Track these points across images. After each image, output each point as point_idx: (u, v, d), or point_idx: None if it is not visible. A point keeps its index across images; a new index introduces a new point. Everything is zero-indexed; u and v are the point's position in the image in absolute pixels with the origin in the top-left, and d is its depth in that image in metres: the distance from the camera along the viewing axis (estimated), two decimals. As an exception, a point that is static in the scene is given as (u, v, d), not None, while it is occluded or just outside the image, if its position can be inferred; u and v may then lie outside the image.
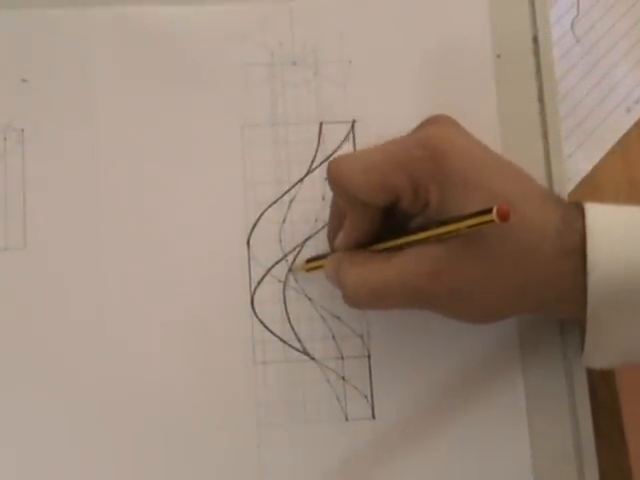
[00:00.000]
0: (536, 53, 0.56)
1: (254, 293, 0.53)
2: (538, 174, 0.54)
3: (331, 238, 0.52)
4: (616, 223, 0.45)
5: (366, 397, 0.52)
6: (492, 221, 0.41)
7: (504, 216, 0.41)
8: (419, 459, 0.52)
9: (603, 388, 0.53)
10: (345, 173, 0.47)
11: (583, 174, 0.57)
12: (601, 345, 0.47)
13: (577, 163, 0.57)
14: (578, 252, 0.44)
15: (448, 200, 0.45)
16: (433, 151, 0.46)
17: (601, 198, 0.56)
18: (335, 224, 0.51)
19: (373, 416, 0.52)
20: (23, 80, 0.54)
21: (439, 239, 0.45)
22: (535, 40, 0.56)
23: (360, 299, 0.48)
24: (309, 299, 0.53)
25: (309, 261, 0.52)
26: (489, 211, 0.41)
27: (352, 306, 0.48)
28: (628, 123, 0.58)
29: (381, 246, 0.48)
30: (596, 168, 0.57)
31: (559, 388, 0.53)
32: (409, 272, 0.46)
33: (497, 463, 0.52)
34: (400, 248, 0.46)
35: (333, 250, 0.51)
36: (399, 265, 0.46)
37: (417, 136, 0.47)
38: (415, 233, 0.46)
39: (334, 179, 0.48)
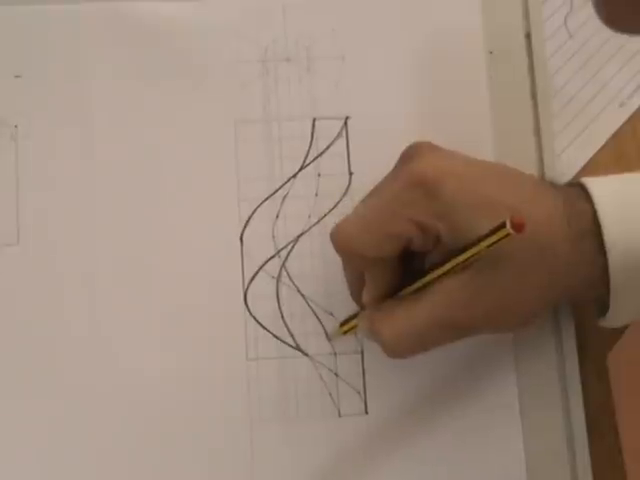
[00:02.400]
0: (529, 49, 0.56)
1: (247, 289, 0.53)
2: (531, 170, 0.54)
3: (356, 298, 0.51)
4: (620, 193, 0.46)
5: (359, 393, 0.52)
6: (509, 234, 0.40)
7: (519, 226, 0.40)
8: (411, 455, 0.52)
9: (596, 386, 0.53)
10: (348, 238, 0.47)
11: (576, 169, 0.56)
12: (622, 309, 0.47)
13: (570, 158, 0.57)
14: (591, 233, 0.45)
15: (457, 228, 0.45)
16: (424, 187, 0.45)
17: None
18: (355, 285, 0.51)
19: (366, 412, 0.52)
20: (17, 76, 0.54)
21: (461, 267, 0.45)
22: (528, 36, 0.56)
23: (401, 349, 0.47)
24: (302, 295, 0.53)
25: (342, 324, 0.52)
26: (503, 226, 0.40)
27: (395, 357, 0.47)
28: (621, 118, 0.58)
29: (407, 291, 0.47)
30: (589, 163, 0.57)
31: (552, 386, 0.53)
32: (441, 308, 0.45)
33: (490, 459, 0.52)
34: (424, 287, 0.46)
35: (360, 305, 0.50)
36: (429, 304, 0.46)
37: (403, 177, 0.46)
38: (436, 268, 0.45)
39: (340, 247, 0.47)
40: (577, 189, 0.47)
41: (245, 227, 0.53)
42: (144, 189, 0.54)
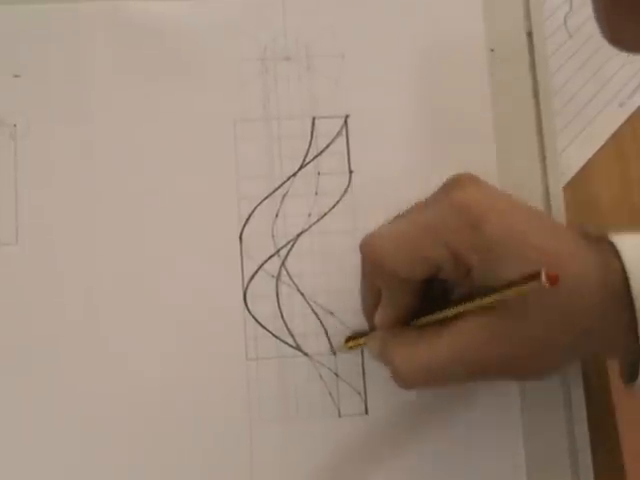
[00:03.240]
0: (530, 48, 0.56)
1: (247, 288, 0.53)
2: (533, 169, 0.54)
3: (367, 313, 0.51)
4: None
5: (359, 393, 0.52)
6: (541, 285, 0.40)
7: (553, 280, 0.39)
8: (412, 455, 0.51)
9: (597, 387, 0.53)
10: (379, 251, 0.46)
11: (576, 169, 0.56)
12: None
13: (570, 158, 0.57)
14: (622, 293, 0.44)
15: (491, 266, 0.44)
16: (469, 218, 0.44)
17: (594, 193, 0.56)
18: (370, 298, 0.50)
19: (366, 412, 0.52)
20: (15, 75, 0.54)
21: (486, 307, 0.44)
22: (529, 35, 0.56)
23: (413, 381, 0.46)
24: (302, 294, 0.53)
25: (349, 340, 0.52)
26: (537, 276, 0.40)
27: (404, 387, 0.47)
28: (621, 118, 0.58)
29: (424, 320, 0.47)
30: (589, 163, 0.57)
31: (554, 388, 0.53)
32: (462, 346, 0.44)
33: (490, 460, 0.52)
34: (445, 321, 0.45)
35: (371, 325, 0.50)
36: (450, 340, 0.45)
37: (449, 202, 0.45)
38: (460, 303, 0.45)
39: (369, 259, 0.47)
40: (607, 246, 0.45)
41: (245, 226, 0.53)
42: (143, 188, 0.53)
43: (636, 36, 0.32)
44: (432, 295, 0.47)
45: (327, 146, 0.54)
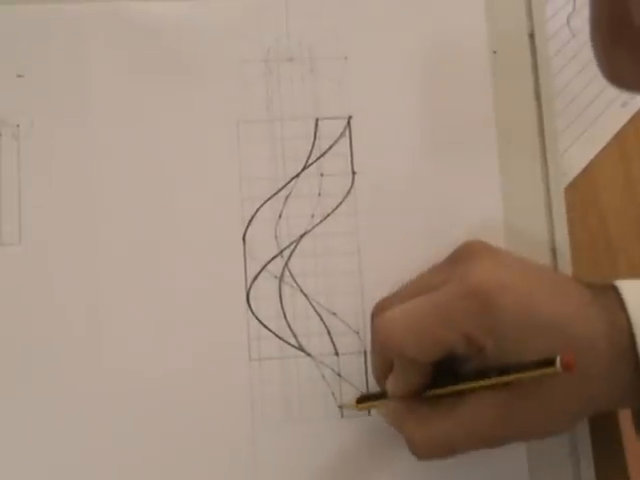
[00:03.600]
0: (532, 49, 0.56)
1: (250, 289, 0.53)
2: (534, 170, 0.54)
3: (378, 378, 0.51)
4: None
5: (362, 393, 0.52)
6: (556, 371, 0.40)
7: (568, 366, 0.40)
8: (414, 458, 0.51)
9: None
10: (392, 334, 0.46)
11: (579, 169, 0.56)
12: None
13: (573, 158, 0.57)
14: (628, 349, 0.44)
15: (505, 346, 0.44)
16: (481, 301, 0.44)
17: (597, 193, 0.56)
18: (381, 368, 0.50)
19: (369, 413, 0.52)
20: (19, 75, 0.54)
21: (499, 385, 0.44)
22: (531, 36, 0.56)
23: (430, 454, 0.47)
24: (305, 295, 0.53)
25: (360, 401, 0.52)
26: (552, 362, 0.40)
27: (421, 460, 0.47)
28: (624, 118, 0.58)
29: (438, 392, 0.47)
30: (592, 163, 0.57)
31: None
32: (474, 422, 0.45)
33: (492, 461, 0.52)
34: (458, 394, 0.46)
35: (381, 387, 0.50)
36: (463, 417, 0.45)
37: (461, 283, 0.45)
38: (474, 380, 0.45)
39: (383, 341, 0.47)
40: (612, 295, 0.46)
41: (248, 227, 0.53)
42: (146, 189, 0.53)
43: (636, 75, 0.32)
44: (445, 366, 0.47)
45: (330, 147, 0.54)
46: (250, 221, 0.53)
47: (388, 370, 0.48)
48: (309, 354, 0.52)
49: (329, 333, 0.53)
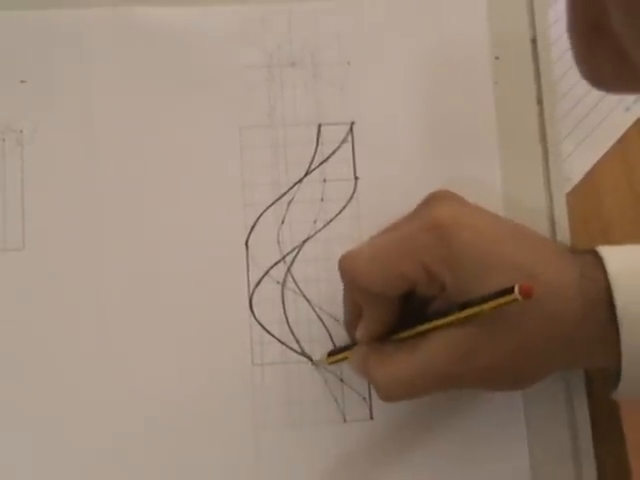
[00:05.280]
0: (535, 55, 0.56)
1: (252, 294, 0.53)
2: (536, 176, 0.54)
3: (349, 329, 0.51)
4: (635, 264, 0.45)
5: (364, 398, 0.52)
6: (515, 300, 0.40)
7: (527, 293, 0.40)
8: (417, 460, 0.52)
9: (601, 387, 0.53)
10: (356, 268, 0.47)
11: (582, 174, 0.56)
12: (634, 383, 0.47)
13: (576, 163, 0.57)
14: (604, 304, 0.44)
15: (464, 281, 0.44)
16: (441, 234, 0.45)
17: (599, 198, 0.56)
18: (351, 315, 0.51)
19: (371, 417, 0.52)
20: (22, 81, 0.54)
21: (461, 321, 0.44)
22: (534, 42, 0.56)
23: (394, 394, 0.47)
24: (308, 300, 0.53)
25: (331, 354, 0.52)
26: (511, 290, 0.40)
27: (385, 401, 0.48)
28: (627, 123, 0.58)
29: (403, 334, 0.47)
30: (595, 168, 0.57)
31: (556, 388, 0.53)
32: (437, 360, 0.45)
33: (495, 464, 0.52)
34: (423, 334, 0.46)
35: (353, 340, 0.50)
36: (426, 354, 0.45)
37: (423, 219, 0.46)
38: (436, 318, 0.45)
39: (347, 274, 0.48)
40: (593, 257, 0.46)
41: (250, 232, 0.53)
42: (149, 194, 0.54)
43: (615, 78, 0.32)
44: (411, 309, 0.48)
45: (333, 153, 0.54)
46: (253, 227, 0.53)
47: (358, 317, 0.49)
48: (311, 359, 0.53)
49: (331, 338, 0.53)
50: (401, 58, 0.55)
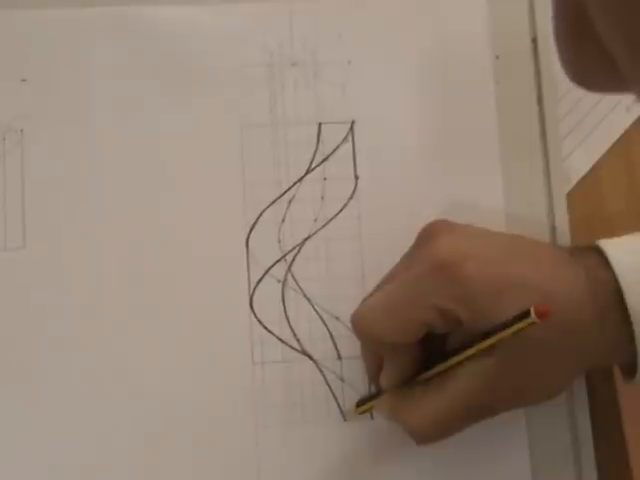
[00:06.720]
0: (535, 54, 0.56)
1: (253, 293, 0.53)
2: (537, 175, 0.54)
3: (372, 376, 0.51)
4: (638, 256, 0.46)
5: (360, 397, 0.52)
6: (533, 322, 0.40)
7: (543, 315, 0.40)
8: (417, 460, 0.52)
9: (602, 387, 0.53)
10: (370, 324, 0.47)
11: (583, 173, 0.56)
12: None
13: (577, 162, 0.57)
14: (615, 305, 0.45)
15: (478, 312, 0.44)
16: (445, 272, 0.44)
17: (601, 197, 0.56)
18: (372, 366, 0.50)
19: (371, 417, 0.52)
20: (23, 80, 0.54)
21: (485, 350, 0.44)
22: (534, 41, 0.56)
23: (429, 436, 0.47)
24: (308, 299, 0.53)
25: (359, 405, 0.52)
26: (527, 314, 0.40)
27: (422, 444, 0.47)
28: (627, 122, 0.58)
29: (428, 374, 0.47)
30: (596, 167, 0.57)
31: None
32: (466, 394, 0.45)
33: (495, 464, 0.52)
34: (447, 372, 0.46)
35: (377, 386, 0.50)
36: (454, 391, 0.45)
37: (424, 260, 0.46)
38: (458, 354, 0.45)
39: (362, 331, 0.48)
40: (595, 256, 0.46)
41: (251, 231, 0.53)
42: (150, 193, 0.54)
43: (602, 79, 0.32)
44: (433, 348, 0.48)
45: (333, 152, 0.54)
46: (253, 225, 0.53)
47: (380, 366, 0.49)
48: (312, 358, 0.53)
49: (332, 337, 0.53)
50: (402, 57, 0.55)
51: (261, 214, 0.54)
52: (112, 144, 0.54)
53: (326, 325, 0.53)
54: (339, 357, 0.53)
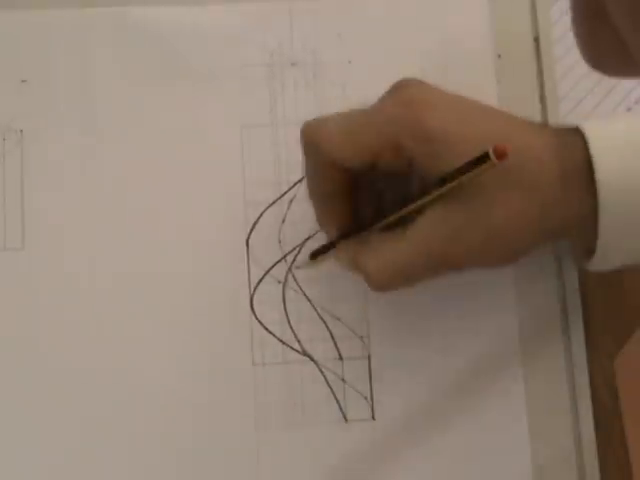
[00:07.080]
0: (537, 53, 0.56)
1: (253, 294, 0.53)
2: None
3: (324, 223, 0.50)
4: (613, 132, 0.45)
5: (366, 398, 0.52)
6: (492, 164, 0.39)
7: (501, 154, 0.39)
8: (419, 460, 0.51)
9: (604, 388, 0.53)
10: (319, 134, 0.46)
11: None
12: (609, 253, 0.47)
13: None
14: (582, 172, 0.44)
15: (435, 155, 0.44)
16: (410, 108, 0.44)
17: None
18: (321, 202, 0.49)
19: (373, 417, 0.52)
20: (22, 81, 0.54)
21: (444, 198, 0.43)
22: (536, 40, 0.56)
23: (386, 282, 0.46)
24: (309, 300, 0.53)
25: (314, 255, 0.52)
26: (486, 156, 0.40)
27: (379, 291, 0.47)
28: (629, 122, 0.58)
29: (385, 222, 0.47)
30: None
31: (560, 389, 0.53)
32: (426, 241, 0.45)
33: (497, 464, 0.52)
34: (408, 220, 0.45)
35: (331, 236, 0.50)
36: (415, 238, 0.45)
37: (392, 98, 0.46)
38: (415, 200, 0.44)
39: (311, 140, 0.47)
40: (574, 130, 0.46)
41: (251, 231, 0.53)
42: (150, 193, 0.53)
43: (616, 63, 0.32)
44: (387, 201, 0.47)
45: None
46: (254, 225, 0.53)
47: (329, 207, 0.48)
48: (313, 359, 0.52)
49: (333, 338, 0.53)
50: (402, 57, 0.55)
51: (261, 214, 0.53)
52: (112, 144, 0.54)
53: (327, 326, 0.53)
54: (340, 358, 0.52)
